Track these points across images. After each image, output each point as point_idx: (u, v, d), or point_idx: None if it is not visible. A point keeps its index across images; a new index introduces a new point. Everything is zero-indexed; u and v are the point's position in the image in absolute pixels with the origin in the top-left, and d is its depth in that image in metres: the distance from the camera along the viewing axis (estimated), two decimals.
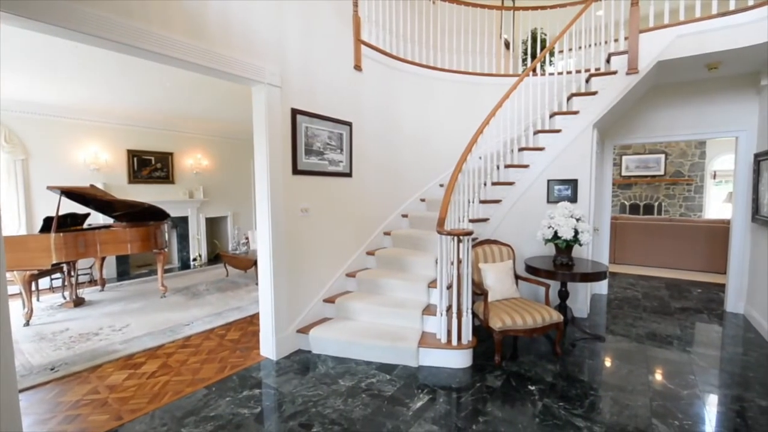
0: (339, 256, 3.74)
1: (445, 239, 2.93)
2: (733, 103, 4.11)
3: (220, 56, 2.57)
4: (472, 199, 3.79)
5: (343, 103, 3.67)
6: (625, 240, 6.47)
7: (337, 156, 3.60)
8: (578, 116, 3.83)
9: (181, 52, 2.34)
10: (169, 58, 2.32)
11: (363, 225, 4.04)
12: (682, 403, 2.43)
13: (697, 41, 3.40)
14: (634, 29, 3.63)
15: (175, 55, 2.32)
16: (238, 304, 4.47)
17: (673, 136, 4.52)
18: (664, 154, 8.43)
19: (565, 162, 3.87)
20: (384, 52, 4.18)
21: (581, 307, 4.01)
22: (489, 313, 3.03)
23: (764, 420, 2.25)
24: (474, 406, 2.41)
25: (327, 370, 2.89)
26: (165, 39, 2.26)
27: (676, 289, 5.10)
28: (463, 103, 4.88)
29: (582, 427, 2.19)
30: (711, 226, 5.87)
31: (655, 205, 8.68)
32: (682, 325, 3.81)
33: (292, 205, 3.18)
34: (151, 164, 6.32)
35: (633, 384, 2.67)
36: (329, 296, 3.57)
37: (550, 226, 3.39)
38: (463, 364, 2.93)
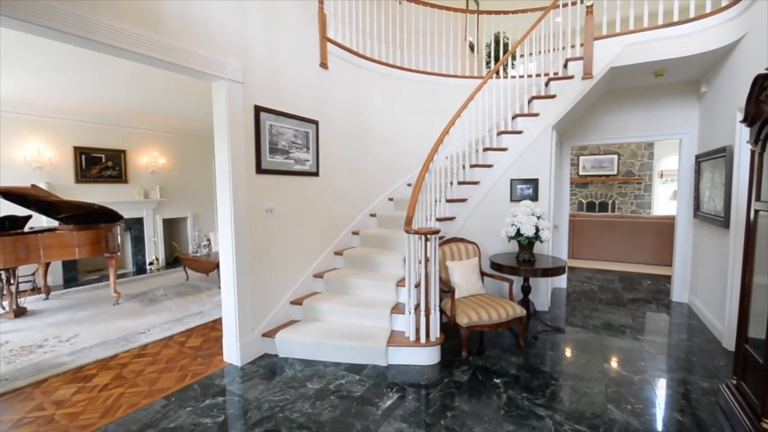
0: (306, 256, 3.67)
1: (413, 238, 2.96)
2: (678, 107, 4.43)
3: (178, 50, 2.44)
4: (439, 198, 3.84)
5: (309, 101, 3.61)
6: (582, 236, 6.81)
7: (304, 155, 3.53)
8: (538, 118, 3.99)
9: (133, 44, 2.20)
10: (120, 50, 2.18)
11: (331, 225, 3.99)
12: (634, 388, 2.59)
13: (645, 49, 3.64)
14: (589, 36, 3.83)
15: (127, 47, 2.18)
16: (200, 309, 4.28)
17: (624, 137, 4.81)
18: (617, 155, 8.96)
19: (526, 162, 4.01)
20: (351, 51, 4.14)
21: (543, 301, 4.18)
22: (456, 310, 3.08)
23: (706, 400, 2.44)
24: (442, 402, 2.44)
25: (294, 373, 2.82)
26: (115, 30, 2.12)
27: (629, 282, 5.43)
28: (430, 104, 4.94)
29: (544, 416, 2.28)
30: (658, 222, 6.30)
31: (609, 202, 9.21)
32: (633, 315, 4.07)
33: (256, 205, 3.08)
34: (101, 162, 5.91)
35: (590, 372, 2.82)
36: (296, 298, 3.49)
37: (513, 224, 3.50)
38: (432, 360, 2.96)
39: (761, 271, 2.09)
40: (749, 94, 2.13)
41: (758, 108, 2.09)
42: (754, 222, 2.18)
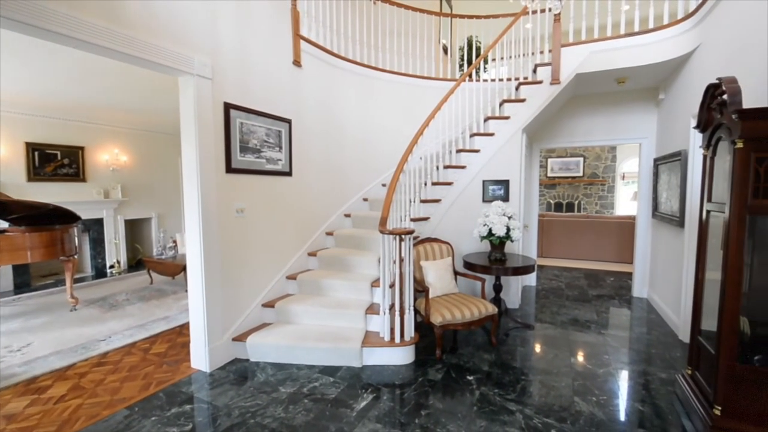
0: (279, 258, 3.59)
1: (388, 238, 2.96)
2: (638, 113, 4.68)
3: (142, 43, 2.32)
4: (413, 199, 3.87)
5: (282, 99, 3.54)
6: (550, 236, 7.06)
7: (276, 154, 3.45)
8: (509, 121, 4.09)
9: (94, 36, 2.08)
10: (79, 42, 2.05)
11: (304, 225, 3.93)
12: (599, 381, 2.70)
13: (608, 57, 3.81)
14: (557, 43, 3.97)
15: (87, 39, 2.06)
16: (165, 314, 4.10)
17: (589, 141, 5.03)
18: (583, 158, 9.35)
19: (498, 163, 4.11)
20: (325, 49, 4.10)
21: (513, 298, 4.30)
22: (430, 309, 3.11)
23: (664, 390, 2.58)
24: (416, 401, 2.45)
25: (266, 377, 2.75)
26: (74, 20, 1.99)
27: (593, 279, 5.67)
28: (405, 105, 4.96)
29: (515, 411, 2.33)
30: (620, 222, 6.63)
31: (575, 203, 9.60)
32: (598, 310, 4.25)
33: (226, 205, 2.98)
34: (56, 159, 5.55)
35: (558, 367, 2.91)
36: (268, 300, 3.41)
37: (486, 224, 3.58)
38: (406, 360, 2.97)
39: (712, 267, 2.23)
40: (702, 102, 2.27)
41: (710, 115, 2.24)
42: (706, 222, 2.33)
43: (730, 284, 1.94)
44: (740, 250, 1.91)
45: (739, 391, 1.95)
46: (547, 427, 2.17)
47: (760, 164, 1.85)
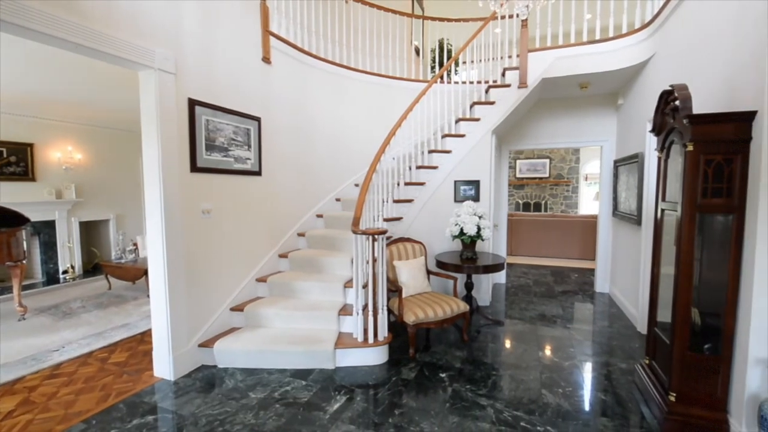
0: (248, 260, 3.49)
1: (361, 238, 2.94)
2: (599, 117, 4.91)
3: (99, 34, 2.19)
4: (386, 199, 3.87)
5: (251, 96, 3.44)
6: (519, 234, 7.28)
7: (245, 153, 3.35)
8: (479, 123, 4.18)
9: (45, 25, 1.94)
10: (29, 31, 1.91)
11: (275, 226, 3.84)
12: (565, 373, 2.81)
13: (572, 63, 3.97)
14: (524, 48, 4.09)
15: (37, 28, 1.91)
16: (125, 321, 3.88)
17: (555, 143, 5.22)
18: (549, 159, 9.72)
19: (469, 164, 4.19)
20: (296, 47, 4.03)
21: (484, 296, 4.39)
22: (403, 309, 3.12)
23: (624, 380, 2.71)
24: (390, 400, 2.45)
25: (235, 383, 2.66)
26: (21, 7, 1.84)
27: (559, 276, 5.90)
28: (377, 105, 4.96)
29: (486, 406, 2.38)
30: (584, 221, 6.94)
31: (542, 203, 9.96)
32: (563, 305, 4.42)
33: (191, 205, 2.86)
34: (2, 157, 5.13)
35: (527, 361, 3.00)
36: (237, 304, 3.31)
37: (457, 224, 3.63)
38: (380, 360, 2.97)
39: (667, 262, 2.37)
40: (656, 108, 2.41)
41: (663, 120, 2.38)
42: (661, 220, 2.48)
43: (683, 278, 2.07)
44: (691, 246, 2.04)
45: (692, 377, 2.08)
46: (517, 420, 2.23)
47: (709, 166, 1.98)
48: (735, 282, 1.98)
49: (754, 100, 1.90)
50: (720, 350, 2.04)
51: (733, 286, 1.98)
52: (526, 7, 2.98)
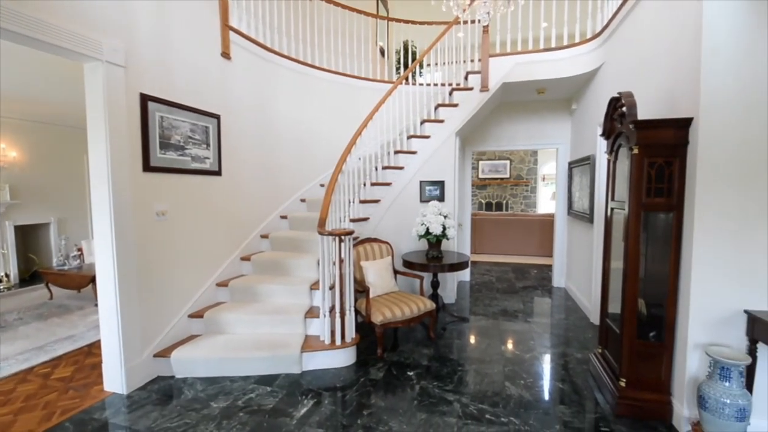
0: (207, 264, 3.34)
1: (327, 240, 2.90)
2: (555, 121, 5.16)
3: (38, 22, 2.00)
4: (352, 199, 3.85)
5: (210, 93, 3.29)
6: (482, 233, 7.51)
7: (203, 152, 3.20)
8: (444, 124, 4.27)
9: None
10: None
11: (236, 228, 3.70)
12: (526, 365, 2.93)
13: (530, 69, 4.15)
14: (485, 53, 4.23)
15: None
16: (70, 333, 3.58)
17: (515, 145, 5.44)
18: (509, 161, 10.11)
19: (434, 165, 4.26)
20: (257, 43, 3.91)
21: (450, 294, 4.49)
22: (371, 309, 3.12)
23: (580, 368, 2.87)
24: (359, 401, 2.44)
25: (195, 394, 2.54)
26: None
27: (520, 272, 6.15)
28: (343, 104, 4.92)
29: (452, 401, 2.43)
30: (542, 219, 7.27)
31: (503, 203, 10.34)
32: (524, 300, 4.61)
33: (144, 207, 2.69)
34: None
35: (490, 355, 3.10)
36: (196, 310, 3.15)
37: (423, 223, 3.68)
38: (348, 362, 2.94)
39: (616, 257, 2.54)
40: (606, 113, 2.58)
41: (612, 125, 2.54)
42: (610, 218, 2.65)
43: (630, 272, 2.23)
44: (637, 242, 2.20)
45: (639, 364, 2.24)
46: (482, 413, 2.30)
47: (652, 168, 2.14)
48: (675, 274, 2.16)
49: (691, 109, 2.07)
50: (663, 338, 2.21)
51: (674, 278, 2.16)
52: (488, 14, 3.07)
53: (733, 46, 1.94)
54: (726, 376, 1.85)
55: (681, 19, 2.21)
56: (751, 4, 1.90)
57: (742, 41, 1.92)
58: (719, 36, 1.95)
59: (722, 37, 1.95)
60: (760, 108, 1.92)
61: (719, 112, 1.97)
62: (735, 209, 1.98)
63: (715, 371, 1.90)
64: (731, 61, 1.94)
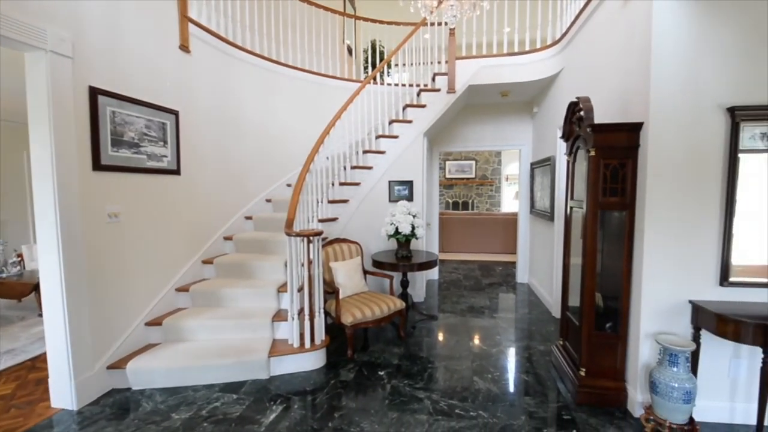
0: (166, 268, 3.16)
1: (295, 240, 2.84)
2: (518, 123, 5.35)
3: None
4: (320, 199, 3.79)
5: (167, 87, 3.12)
6: (449, 232, 7.66)
7: (160, 149, 3.03)
8: (412, 125, 4.30)
9: None
10: None
11: (197, 230, 3.54)
12: (493, 359, 3.01)
13: (494, 72, 4.27)
14: (452, 55, 4.30)
15: None
16: (10, 346, 3.27)
17: (480, 146, 5.58)
18: (475, 161, 10.38)
19: (402, 165, 4.29)
20: (219, 37, 3.75)
21: (419, 292, 4.54)
22: (341, 310, 3.09)
23: (543, 360, 2.99)
24: (329, 404, 2.40)
25: (155, 406, 2.40)
26: None
27: (486, 269, 6.33)
28: (310, 103, 4.84)
29: (423, 398, 2.46)
30: (506, 218, 7.53)
31: (470, 202, 10.60)
32: (490, 297, 4.75)
33: (94, 209, 2.50)
34: None
35: (459, 351, 3.17)
36: (154, 318, 2.98)
37: (392, 223, 3.70)
38: (318, 364, 2.90)
39: (575, 254, 2.67)
40: (565, 117, 2.70)
41: (571, 128, 2.67)
42: (570, 216, 2.78)
43: (588, 267, 2.35)
44: (595, 239, 2.32)
45: (597, 354, 2.37)
46: (452, 408, 2.34)
47: (607, 169, 2.27)
48: (629, 269, 2.30)
49: (642, 114, 2.22)
50: (618, 328, 2.35)
51: (627, 272, 2.30)
52: (454, 17, 3.13)
53: (680, 56, 2.09)
54: (674, 362, 1.99)
55: (633, 29, 2.36)
56: (698, 17, 2.06)
57: (689, 52, 2.08)
58: (668, 47, 2.10)
59: (670, 48, 2.09)
60: (705, 114, 2.09)
61: (667, 117, 2.12)
62: (681, 208, 2.14)
63: (664, 358, 2.04)
64: (679, 70, 2.09)
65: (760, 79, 2.02)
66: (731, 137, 2.05)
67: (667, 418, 1.99)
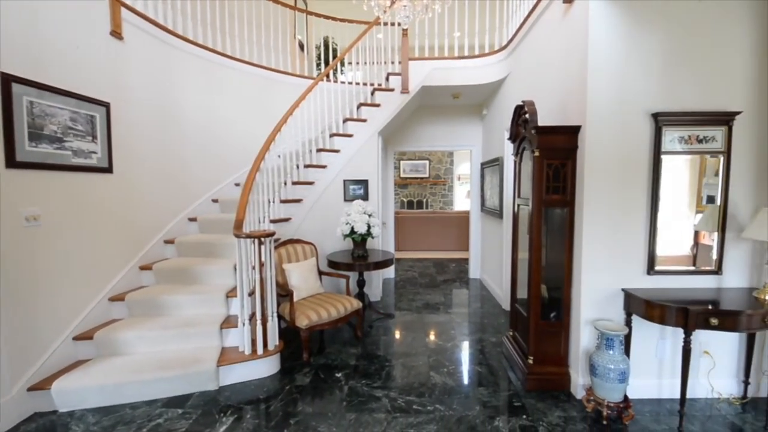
0: (96, 276, 2.87)
1: (245, 242, 2.70)
2: (469, 124, 5.54)
3: None
4: (272, 199, 3.65)
5: (96, 77, 2.83)
6: (405, 230, 7.76)
7: (88, 145, 2.74)
8: (367, 124, 4.29)
9: None
10: None
11: (133, 233, 3.25)
12: (448, 354, 3.09)
13: (446, 75, 4.38)
14: (405, 56, 4.35)
15: None
16: None
17: (434, 146, 5.71)
18: (428, 161, 10.61)
19: (357, 164, 4.26)
20: (158, 24, 3.48)
21: (376, 291, 4.54)
22: (295, 313, 2.99)
23: (495, 351, 3.12)
24: (284, 411, 2.32)
25: (86, 428, 2.16)
26: None
27: (440, 266, 6.49)
28: (260, 98, 4.65)
29: (381, 397, 2.45)
30: (458, 216, 7.78)
31: (424, 201, 10.82)
32: (444, 293, 4.88)
33: (9, 211, 2.20)
34: None
35: (416, 348, 3.21)
36: (84, 331, 2.69)
37: (348, 223, 3.66)
38: (271, 371, 2.79)
39: (523, 249, 2.81)
40: (512, 119, 2.83)
41: (517, 129, 2.80)
42: (517, 213, 2.92)
43: (534, 261, 2.48)
44: (540, 234, 2.46)
45: (543, 342, 2.52)
46: (410, 404, 2.36)
47: (550, 168, 2.41)
48: (570, 261, 2.46)
49: (580, 117, 2.38)
50: (562, 317, 2.51)
51: (569, 264, 2.46)
52: (407, 18, 3.16)
53: (613, 66, 2.27)
54: (610, 346, 2.16)
55: (571, 39, 2.52)
56: (628, 32, 2.25)
57: (621, 62, 2.27)
58: (602, 57, 2.27)
59: (604, 58, 2.27)
60: (634, 119, 2.29)
61: (602, 121, 2.29)
62: (615, 204, 2.33)
63: (601, 342, 2.21)
64: (612, 78, 2.28)
65: (679, 88, 2.26)
66: (655, 140, 2.26)
67: (605, 397, 2.15)
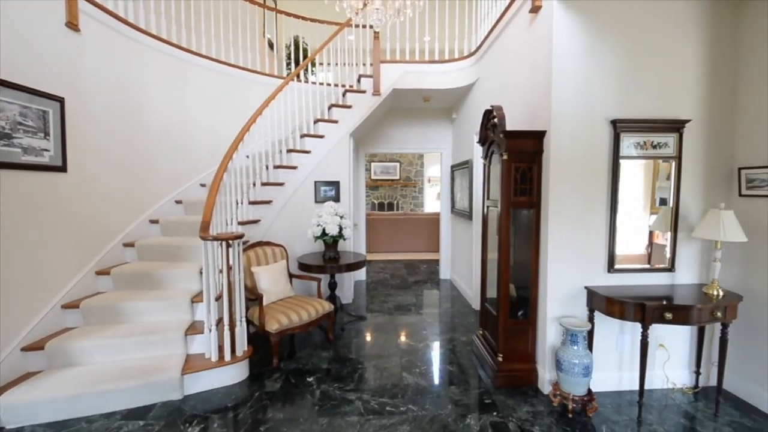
0: (47, 282, 2.66)
1: (212, 245, 2.60)
2: (439, 127, 5.64)
3: None
4: (240, 200, 3.55)
5: (48, 69, 2.64)
6: (376, 232, 7.77)
7: (39, 142, 2.54)
8: (338, 125, 4.26)
9: None
10: None
11: (89, 236, 3.05)
12: (420, 354, 3.12)
13: (417, 78, 4.43)
14: (377, 58, 4.36)
15: None
16: None
17: (404, 148, 5.76)
18: (399, 163, 10.69)
19: (329, 165, 4.22)
20: (117, 17, 3.29)
21: (347, 294, 4.51)
22: (265, 317, 2.92)
23: (465, 350, 3.18)
24: (254, 418, 2.25)
25: None
26: None
27: (411, 268, 6.55)
28: (228, 97, 4.51)
29: (354, 400, 2.44)
30: (429, 218, 7.89)
31: (395, 203, 10.89)
32: (416, 294, 4.92)
33: None
34: None
35: (388, 350, 3.21)
36: (33, 341, 2.49)
37: (319, 224, 3.61)
38: (240, 377, 2.70)
39: (492, 249, 2.89)
40: (481, 123, 2.91)
41: (486, 133, 2.88)
42: (486, 215, 3.00)
43: (503, 261, 2.56)
44: (508, 235, 2.54)
45: (512, 339, 2.60)
46: (383, 406, 2.36)
47: (517, 171, 2.50)
48: (536, 261, 2.56)
49: (545, 122, 2.49)
50: (529, 315, 2.60)
51: (535, 264, 2.56)
52: (379, 20, 3.18)
53: (576, 74, 2.39)
54: (574, 341, 2.27)
55: (537, 47, 2.63)
56: (590, 42, 2.38)
57: (583, 71, 2.39)
58: (565, 65, 2.38)
59: (567, 66, 2.38)
60: (595, 125, 2.42)
61: (565, 126, 2.41)
62: (577, 206, 2.45)
63: (566, 338, 2.31)
64: (575, 86, 2.39)
65: (635, 96, 2.42)
66: (614, 145, 2.40)
67: (570, 391, 2.25)
